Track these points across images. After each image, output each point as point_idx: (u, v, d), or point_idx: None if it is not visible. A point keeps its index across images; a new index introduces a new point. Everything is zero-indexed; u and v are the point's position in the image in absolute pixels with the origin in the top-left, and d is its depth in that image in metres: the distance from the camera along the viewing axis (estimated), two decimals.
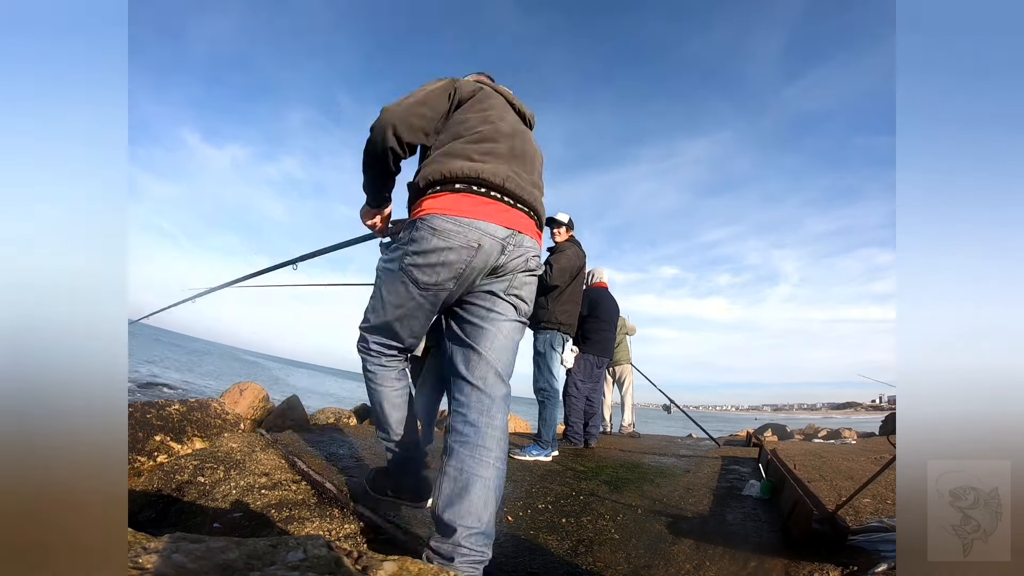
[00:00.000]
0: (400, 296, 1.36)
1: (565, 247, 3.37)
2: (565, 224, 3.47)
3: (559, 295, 3.29)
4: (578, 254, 3.37)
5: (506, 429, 1.32)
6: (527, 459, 2.98)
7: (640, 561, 1.44)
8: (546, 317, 3.28)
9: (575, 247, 3.40)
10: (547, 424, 3.27)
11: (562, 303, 3.29)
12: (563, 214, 3.47)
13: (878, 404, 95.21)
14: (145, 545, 0.69)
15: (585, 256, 3.47)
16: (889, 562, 1.28)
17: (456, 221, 1.27)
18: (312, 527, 1.56)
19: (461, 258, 1.27)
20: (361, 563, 0.78)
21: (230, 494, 1.87)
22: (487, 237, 1.28)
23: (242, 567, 0.68)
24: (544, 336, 3.32)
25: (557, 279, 3.21)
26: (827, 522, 1.42)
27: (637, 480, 2.61)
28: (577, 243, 3.48)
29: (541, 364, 3.33)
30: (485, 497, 1.18)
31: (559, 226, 3.46)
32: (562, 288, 3.28)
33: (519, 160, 1.45)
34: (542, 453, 3.10)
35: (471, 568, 1.13)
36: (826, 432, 9.26)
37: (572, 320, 3.37)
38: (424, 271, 1.29)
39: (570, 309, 3.34)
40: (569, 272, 3.27)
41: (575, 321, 3.41)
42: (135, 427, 2.38)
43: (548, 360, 3.29)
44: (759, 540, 1.64)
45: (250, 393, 5.75)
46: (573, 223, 3.52)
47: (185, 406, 2.76)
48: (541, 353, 3.33)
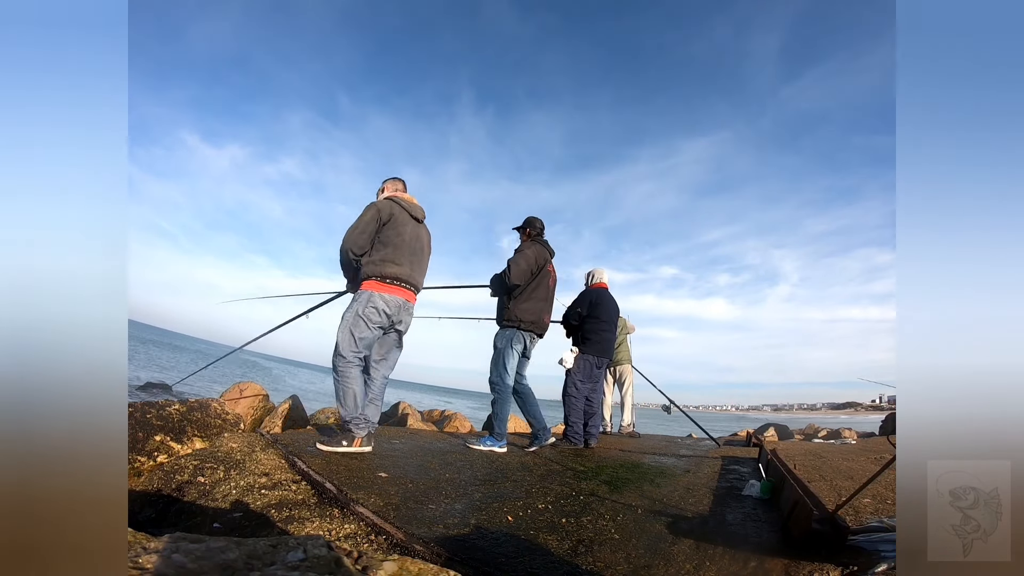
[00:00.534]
0: (360, 328, 2.66)
1: (524, 248, 3.52)
2: (521, 228, 3.70)
3: (520, 293, 3.43)
4: (538, 252, 3.49)
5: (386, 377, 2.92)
6: (482, 448, 3.23)
7: (640, 561, 1.44)
8: (507, 316, 3.44)
9: (535, 246, 3.52)
10: (498, 418, 3.45)
11: (522, 301, 3.42)
12: (529, 219, 3.67)
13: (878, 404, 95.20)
14: (145, 545, 0.69)
15: (548, 254, 3.58)
16: (889, 562, 1.28)
17: (382, 297, 2.69)
18: (312, 527, 1.56)
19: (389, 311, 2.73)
20: (361, 563, 0.78)
21: (230, 494, 1.87)
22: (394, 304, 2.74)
23: (242, 567, 0.68)
24: (504, 333, 3.46)
25: (515, 278, 3.37)
26: (827, 522, 1.42)
27: (637, 480, 2.61)
28: (541, 242, 3.60)
29: (496, 359, 3.47)
30: (363, 400, 2.73)
31: (520, 231, 3.72)
32: (522, 287, 3.42)
33: (415, 257, 2.84)
34: (496, 444, 3.29)
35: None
36: (826, 432, 9.26)
37: (536, 318, 3.48)
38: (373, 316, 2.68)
39: (533, 307, 3.45)
40: (527, 270, 3.40)
41: (541, 319, 3.52)
42: (135, 427, 2.38)
43: (503, 355, 3.43)
44: (759, 540, 1.64)
45: (250, 393, 5.75)
46: (535, 223, 3.67)
47: (185, 406, 2.76)
48: (498, 348, 3.47)
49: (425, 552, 1.40)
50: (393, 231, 2.69)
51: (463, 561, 1.35)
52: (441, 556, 1.38)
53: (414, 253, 2.79)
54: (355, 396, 2.66)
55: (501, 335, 3.49)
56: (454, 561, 1.35)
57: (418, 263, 2.84)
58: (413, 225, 2.82)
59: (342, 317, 2.68)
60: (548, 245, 3.64)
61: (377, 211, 2.69)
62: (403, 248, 2.72)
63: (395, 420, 6.42)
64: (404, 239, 2.73)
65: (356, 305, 2.65)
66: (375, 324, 2.66)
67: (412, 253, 2.77)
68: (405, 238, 2.73)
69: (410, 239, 2.77)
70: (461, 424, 6.94)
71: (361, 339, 2.64)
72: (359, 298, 2.66)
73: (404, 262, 2.72)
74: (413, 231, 2.80)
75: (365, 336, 2.65)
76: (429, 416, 8.47)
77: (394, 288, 2.70)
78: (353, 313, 2.63)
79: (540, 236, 3.66)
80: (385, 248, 2.68)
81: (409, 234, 2.76)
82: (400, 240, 2.71)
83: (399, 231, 2.71)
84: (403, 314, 2.80)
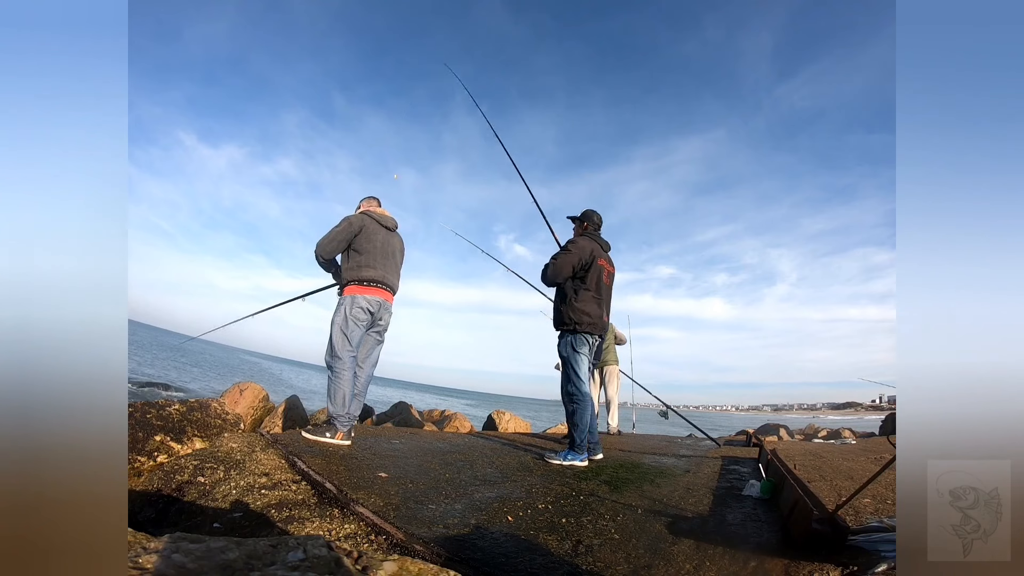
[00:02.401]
0: (350, 328, 3.00)
1: (575, 240, 3.26)
2: (577, 220, 3.48)
3: (574, 293, 3.14)
4: (589, 247, 3.19)
5: (370, 375, 3.26)
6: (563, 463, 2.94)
7: (640, 561, 1.44)
8: (562, 319, 3.17)
9: (585, 240, 3.24)
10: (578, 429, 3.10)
11: (576, 301, 3.13)
12: (586, 212, 3.44)
13: (878, 404, 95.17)
14: (145, 545, 0.69)
15: (599, 248, 3.27)
16: (889, 562, 1.28)
17: (364, 298, 3.05)
18: (312, 527, 1.56)
19: (372, 309, 3.08)
20: (361, 563, 0.78)
21: (230, 494, 1.87)
22: (375, 303, 3.09)
23: (242, 567, 0.68)
24: (565, 340, 3.19)
25: (551, 275, 3.16)
26: (827, 522, 1.42)
27: (637, 480, 2.61)
28: (592, 236, 3.32)
29: (567, 369, 3.20)
30: (351, 399, 3.02)
31: (576, 222, 3.49)
32: (575, 287, 3.15)
33: (388, 261, 3.19)
34: (576, 458, 2.99)
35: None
36: (826, 432, 9.26)
37: (594, 318, 3.17)
38: (359, 315, 3.03)
39: (587, 307, 3.14)
40: (569, 265, 3.13)
41: (598, 318, 3.20)
42: (135, 427, 2.38)
43: (572, 363, 3.15)
44: (759, 540, 1.64)
45: (250, 393, 5.75)
46: (593, 217, 3.41)
47: (185, 406, 2.76)
48: (564, 357, 3.20)
49: (425, 552, 1.40)
50: (365, 240, 3.09)
51: (463, 561, 1.35)
52: (441, 556, 1.38)
53: (387, 258, 3.18)
54: (344, 396, 2.97)
55: (563, 343, 3.20)
56: (454, 561, 1.35)
57: (392, 267, 3.22)
58: (385, 234, 3.21)
59: (332, 323, 3.02)
60: (602, 240, 3.35)
61: (348, 223, 3.09)
62: (375, 254, 3.11)
63: (398, 420, 6.41)
64: (376, 246, 3.12)
65: (343, 309, 3.01)
66: (362, 323, 3.04)
67: (384, 258, 3.16)
68: (377, 245, 3.12)
69: (382, 246, 3.15)
70: (461, 424, 6.94)
71: (352, 337, 3.00)
72: (344, 302, 3.02)
73: (378, 266, 3.11)
74: (384, 238, 3.19)
75: (355, 334, 3.01)
76: (429, 416, 8.47)
77: (372, 289, 3.07)
78: (342, 316, 2.99)
79: (597, 232, 3.39)
80: (360, 255, 3.07)
81: (380, 241, 3.16)
82: (372, 247, 3.10)
83: (371, 239, 3.11)
84: (383, 312, 3.16)
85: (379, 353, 3.28)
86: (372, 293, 3.06)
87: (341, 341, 2.96)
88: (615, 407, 5.66)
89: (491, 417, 6.80)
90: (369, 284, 3.06)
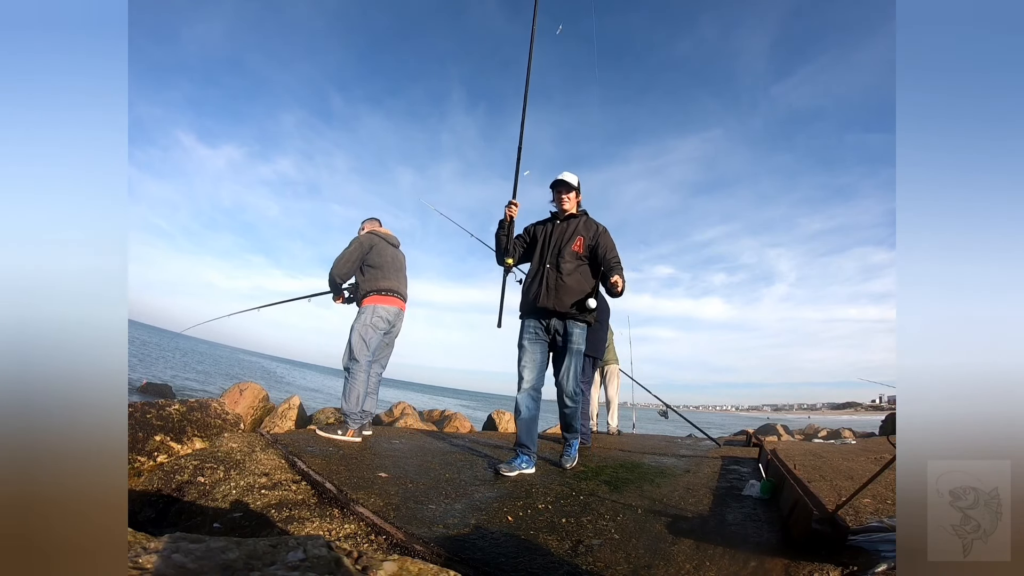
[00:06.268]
0: (369, 334, 3.29)
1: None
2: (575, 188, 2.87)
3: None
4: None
5: (380, 374, 3.59)
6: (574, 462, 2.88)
7: (640, 561, 1.44)
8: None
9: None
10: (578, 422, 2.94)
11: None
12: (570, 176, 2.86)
13: (878, 404, 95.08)
14: (145, 545, 0.69)
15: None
16: (889, 562, 1.27)
17: (384, 308, 3.37)
18: (312, 527, 1.56)
19: (389, 318, 3.41)
20: (361, 563, 0.78)
21: (230, 494, 1.87)
22: (393, 312, 3.43)
23: (242, 567, 0.68)
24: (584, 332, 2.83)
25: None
26: (827, 522, 1.42)
27: (637, 480, 2.61)
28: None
29: (581, 365, 2.87)
30: (364, 399, 3.30)
31: (571, 190, 2.83)
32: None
33: (398, 273, 3.55)
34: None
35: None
36: (826, 432, 9.26)
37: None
38: (379, 324, 3.33)
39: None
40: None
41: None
42: (135, 427, 2.38)
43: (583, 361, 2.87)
44: (759, 540, 1.64)
45: (250, 393, 5.76)
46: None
47: (185, 406, 2.76)
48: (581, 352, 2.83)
49: (425, 552, 1.40)
50: (377, 255, 3.46)
51: (463, 561, 1.35)
52: (441, 556, 1.38)
53: (397, 270, 3.57)
54: (359, 396, 3.23)
55: (581, 334, 2.74)
56: (454, 561, 1.35)
57: (402, 278, 3.61)
58: (392, 249, 3.61)
59: (351, 329, 3.32)
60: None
61: (359, 244, 3.45)
62: (387, 267, 3.48)
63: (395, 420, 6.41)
64: (387, 260, 3.49)
65: (364, 317, 3.31)
66: (381, 330, 3.36)
67: (395, 270, 3.55)
68: (387, 259, 3.50)
69: (391, 260, 3.53)
70: (461, 424, 6.94)
71: (370, 343, 3.30)
72: (365, 311, 3.33)
73: (392, 277, 3.48)
74: (392, 253, 3.58)
75: (373, 341, 3.31)
76: (429, 416, 8.46)
77: (390, 299, 3.41)
78: (363, 323, 3.29)
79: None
80: (374, 269, 3.43)
81: (390, 256, 3.54)
82: (383, 261, 3.47)
83: (382, 255, 3.48)
84: (398, 320, 3.53)
85: (389, 355, 3.63)
86: (390, 303, 3.40)
87: (360, 346, 3.25)
88: (615, 407, 5.66)
89: (491, 417, 6.81)
90: (387, 293, 3.40)
